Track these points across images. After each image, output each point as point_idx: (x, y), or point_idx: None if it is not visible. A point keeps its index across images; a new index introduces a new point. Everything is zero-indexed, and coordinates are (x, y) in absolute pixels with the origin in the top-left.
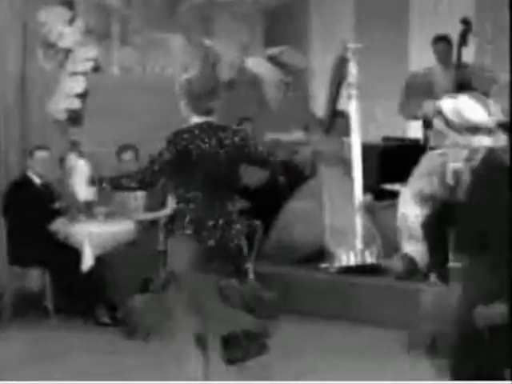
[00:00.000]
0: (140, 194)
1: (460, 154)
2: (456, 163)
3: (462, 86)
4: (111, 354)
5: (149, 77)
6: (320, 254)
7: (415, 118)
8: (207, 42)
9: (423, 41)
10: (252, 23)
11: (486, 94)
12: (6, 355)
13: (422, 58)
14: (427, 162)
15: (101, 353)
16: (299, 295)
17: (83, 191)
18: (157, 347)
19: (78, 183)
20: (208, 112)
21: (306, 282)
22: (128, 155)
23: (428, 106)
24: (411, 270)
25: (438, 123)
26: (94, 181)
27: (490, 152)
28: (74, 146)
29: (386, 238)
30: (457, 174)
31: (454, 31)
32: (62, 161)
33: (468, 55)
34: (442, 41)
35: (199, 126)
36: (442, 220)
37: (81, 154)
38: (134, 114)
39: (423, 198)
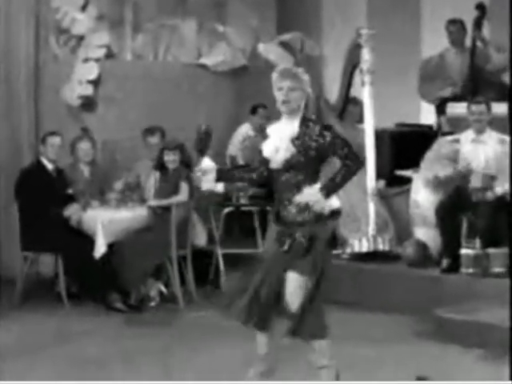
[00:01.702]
0: (153, 180)
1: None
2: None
3: (477, 68)
4: (123, 339)
5: (161, 63)
6: (332, 241)
7: (433, 101)
8: (220, 27)
9: (436, 26)
10: (264, 9)
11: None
12: (18, 340)
13: (434, 44)
14: (440, 147)
15: (112, 338)
16: None
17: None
18: (173, 333)
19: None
20: None
21: None
22: (155, 138)
23: (444, 92)
24: (424, 257)
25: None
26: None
27: None
28: (85, 132)
29: (399, 224)
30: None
31: (465, 16)
32: (73, 147)
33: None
34: (455, 24)
35: None
36: (455, 206)
37: (92, 141)
38: (146, 101)
39: (437, 184)
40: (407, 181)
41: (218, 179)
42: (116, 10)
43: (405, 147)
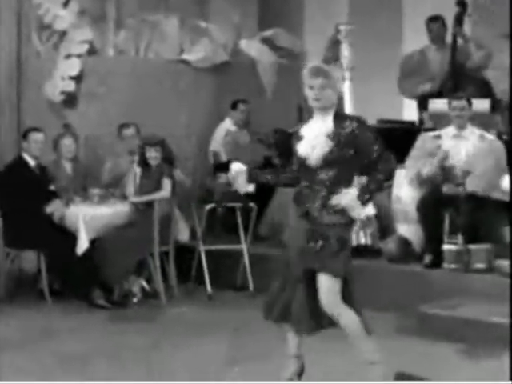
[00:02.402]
0: (137, 176)
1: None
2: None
3: (458, 65)
4: (106, 335)
5: (143, 59)
6: None
7: (412, 97)
8: (201, 24)
9: (417, 22)
10: (246, 5)
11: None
12: (1, 337)
13: (416, 40)
14: (422, 143)
15: (95, 334)
16: None
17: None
18: (156, 329)
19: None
20: None
21: None
22: (130, 131)
23: (424, 88)
24: (406, 252)
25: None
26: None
27: None
28: (68, 128)
29: (381, 220)
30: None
31: (446, 12)
32: (56, 143)
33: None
34: (435, 21)
35: None
36: (437, 202)
37: (74, 137)
38: (128, 97)
39: (420, 181)
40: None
41: (251, 180)
42: (98, 6)
43: (387, 143)
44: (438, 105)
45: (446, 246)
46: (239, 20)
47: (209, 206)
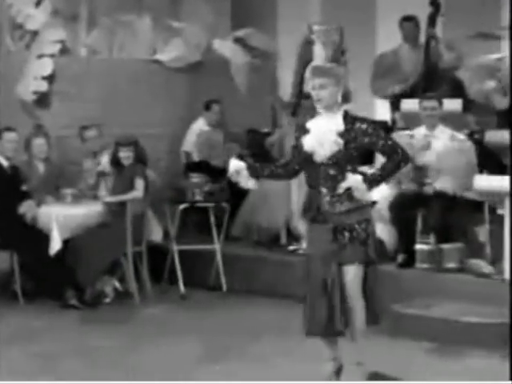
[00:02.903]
0: (109, 176)
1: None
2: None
3: (429, 64)
4: (78, 335)
5: (116, 59)
6: (288, 237)
7: (384, 97)
8: (174, 23)
9: (391, 21)
10: (219, 5)
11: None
12: None
13: (389, 39)
14: None
15: (68, 335)
16: (266, 277)
17: None
18: (128, 329)
19: None
20: None
21: (273, 264)
22: (91, 133)
23: (395, 88)
24: (379, 252)
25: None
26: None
27: None
28: (40, 128)
29: None
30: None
31: (420, 12)
32: (28, 143)
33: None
34: (409, 21)
35: None
36: (409, 202)
37: (46, 137)
38: (101, 97)
39: (392, 181)
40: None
41: (251, 176)
42: (70, 6)
43: None
44: (410, 105)
45: (418, 246)
46: (212, 20)
47: (182, 206)
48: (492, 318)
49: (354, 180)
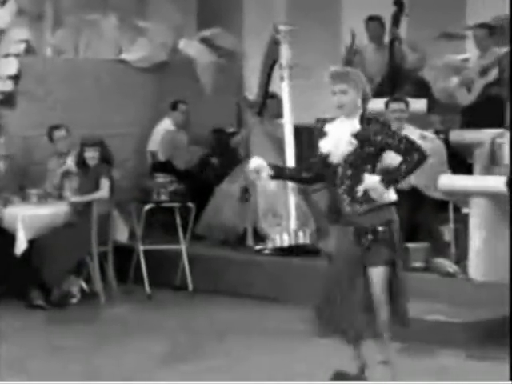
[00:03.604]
0: (74, 176)
1: None
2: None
3: (394, 65)
4: (44, 336)
5: (81, 59)
6: (254, 236)
7: None
8: (140, 23)
9: (356, 21)
10: (185, 5)
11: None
12: None
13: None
14: None
15: (34, 335)
16: (232, 277)
17: None
18: (94, 329)
19: None
20: None
21: (239, 264)
22: (61, 133)
23: None
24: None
25: None
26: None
27: None
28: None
29: (320, 219)
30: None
31: (386, 12)
32: None
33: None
34: (374, 20)
35: None
36: None
37: (6, 136)
38: (67, 97)
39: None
40: None
41: (273, 177)
42: (36, 5)
43: None
44: (376, 105)
45: None
46: (178, 20)
47: (147, 206)
48: (457, 317)
49: (371, 181)
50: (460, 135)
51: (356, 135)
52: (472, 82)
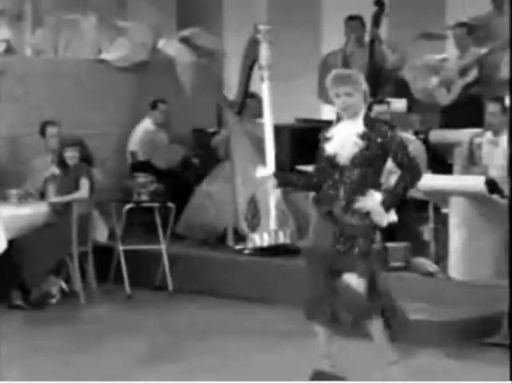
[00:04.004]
0: (53, 176)
1: None
2: None
3: (374, 65)
4: (24, 336)
5: (61, 59)
6: (234, 236)
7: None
8: (120, 23)
9: (336, 21)
10: (164, 4)
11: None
12: None
13: (335, 39)
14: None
15: (14, 335)
16: (212, 276)
17: None
18: (74, 330)
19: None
20: None
21: (219, 264)
22: (54, 130)
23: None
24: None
25: None
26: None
27: None
28: None
29: (299, 219)
30: None
31: (366, 12)
32: None
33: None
34: (354, 20)
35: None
36: None
37: None
38: (47, 96)
39: None
40: None
41: (280, 185)
42: (15, 5)
43: (305, 143)
44: None
45: None
46: (158, 19)
47: (127, 206)
48: (437, 317)
49: (372, 203)
50: (439, 135)
51: (361, 136)
52: (451, 82)
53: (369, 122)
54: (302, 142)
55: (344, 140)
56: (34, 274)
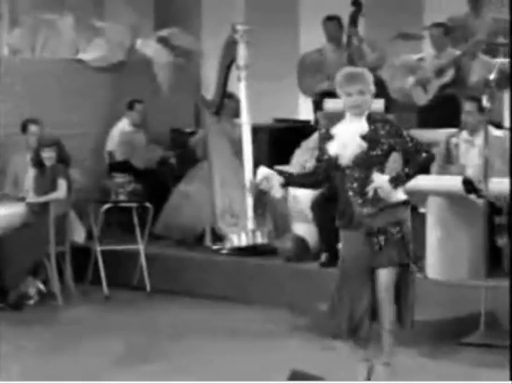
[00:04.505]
0: (31, 176)
1: None
2: None
3: (352, 65)
4: (1, 338)
5: (38, 59)
6: (212, 236)
7: (314, 96)
8: (97, 23)
9: (314, 21)
10: (142, 4)
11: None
12: None
13: (313, 39)
14: (314, 141)
15: None
16: (190, 277)
17: None
18: (52, 331)
19: None
20: None
21: (196, 264)
22: (36, 128)
23: (322, 86)
24: (302, 251)
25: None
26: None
27: None
28: None
29: (277, 219)
30: None
31: (343, 12)
32: None
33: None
34: (331, 20)
35: None
36: (330, 201)
37: None
38: (24, 97)
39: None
40: None
41: (284, 185)
42: None
43: (283, 142)
44: (333, 104)
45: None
46: (135, 19)
47: (105, 206)
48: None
49: (379, 180)
50: (417, 135)
51: (365, 137)
52: (428, 82)
53: (371, 120)
54: (279, 142)
55: (347, 141)
56: (11, 275)
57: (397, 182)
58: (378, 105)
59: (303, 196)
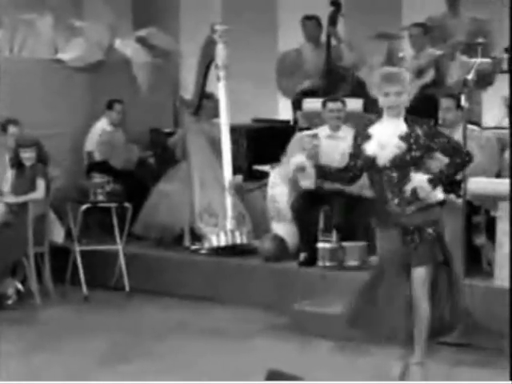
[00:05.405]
0: (10, 176)
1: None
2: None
3: (331, 64)
4: None
5: (17, 58)
6: (191, 236)
7: (293, 96)
8: (76, 23)
9: (292, 21)
10: (120, 4)
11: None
12: None
13: (291, 38)
14: (298, 142)
15: None
16: (169, 276)
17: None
18: (31, 331)
19: None
20: None
21: (175, 264)
22: (15, 128)
23: (303, 85)
24: (281, 251)
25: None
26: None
27: None
28: None
29: (256, 218)
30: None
31: (323, 12)
32: None
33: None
34: (310, 20)
35: None
36: (310, 200)
37: None
38: (2, 96)
39: (294, 179)
40: (265, 175)
41: (318, 176)
42: None
43: (262, 142)
44: (312, 104)
45: (320, 244)
46: (114, 19)
47: (84, 207)
48: None
49: (418, 180)
50: None
51: (403, 138)
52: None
53: (409, 121)
54: (258, 142)
55: (384, 141)
56: None
57: (436, 182)
58: (357, 104)
59: (282, 195)
